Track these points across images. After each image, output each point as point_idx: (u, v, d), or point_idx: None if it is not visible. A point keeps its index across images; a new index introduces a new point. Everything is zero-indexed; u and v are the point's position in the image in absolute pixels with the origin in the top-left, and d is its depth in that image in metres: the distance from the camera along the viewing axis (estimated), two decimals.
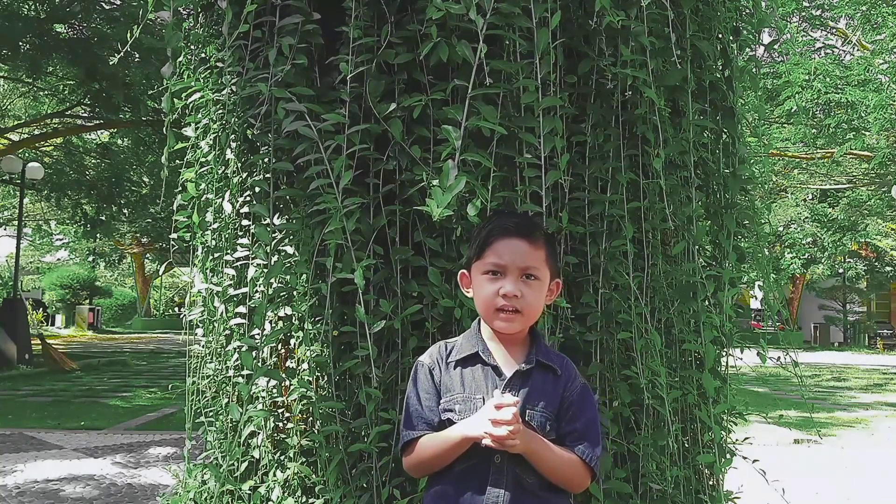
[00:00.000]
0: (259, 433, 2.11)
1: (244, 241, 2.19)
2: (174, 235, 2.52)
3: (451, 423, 1.44)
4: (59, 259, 35.23)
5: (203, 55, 2.39)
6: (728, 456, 2.12)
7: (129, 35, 2.26)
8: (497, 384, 1.44)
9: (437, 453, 1.42)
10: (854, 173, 19.75)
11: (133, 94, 10.67)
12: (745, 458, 2.25)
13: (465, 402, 1.43)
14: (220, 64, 2.26)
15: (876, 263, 25.59)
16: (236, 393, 2.15)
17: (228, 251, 2.28)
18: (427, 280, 1.87)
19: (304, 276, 1.97)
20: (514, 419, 1.31)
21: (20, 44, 10.07)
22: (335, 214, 1.78)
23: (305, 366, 2.02)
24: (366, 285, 1.90)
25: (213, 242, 2.37)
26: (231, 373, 2.21)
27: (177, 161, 2.51)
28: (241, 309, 2.12)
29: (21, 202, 14.42)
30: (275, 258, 1.98)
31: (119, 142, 16.31)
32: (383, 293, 1.94)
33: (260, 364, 2.11)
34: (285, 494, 2.01)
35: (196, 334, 2.53)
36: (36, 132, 15.98)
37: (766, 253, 2.56)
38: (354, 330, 1.85)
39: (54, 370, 11.53)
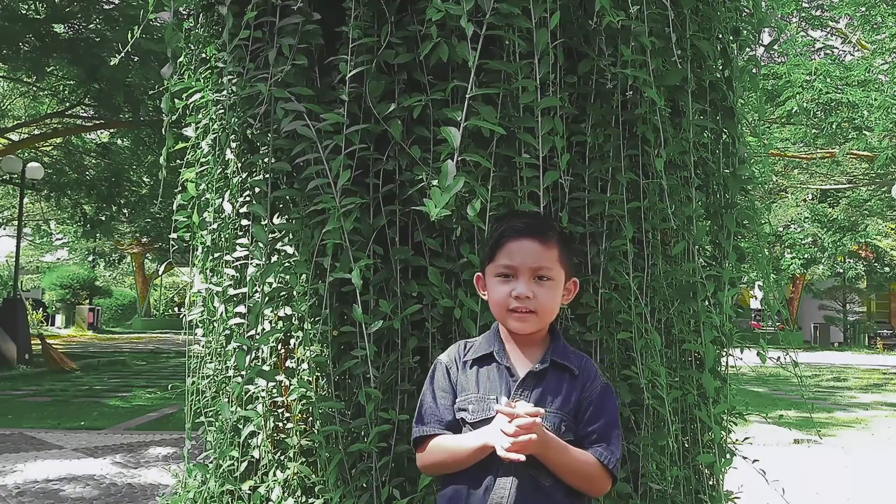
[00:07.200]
0: (259, 433, 2.11)
1: (244, 241, 2.19)
2: (174, 235, 2.52)
3: (463, 422, 1.43)
4: (59, 259, 35.22)
5: (203, 55, 2.39)
6: (728, 456, 2.12)
7: (129, 36, 2.26)
8: (511, 385, 1.42)
9: (454, 458, 1.41)
10: (854, 173, 19.74)
11: (133, 95, 10.67)
12: (745, 458, 2.25)
13: (479, 402, 1.43)
14: (220, 64, 2.26)
15: (875, 264, 25.58)
16: (235, 393, 2.16)
17: (228, 251, 2.28)
18: (427, 280, 1.87)
19: (304, 276, 1.97)
20: (532, 426, 1.29)
21: (20, 44, 10.07)
22: (333, 214, 1.78)
23: (305, 366, 2.02)
24: (365, 285, 1.90)
25: (213, 242, 2.38)
26: (231, 373, 2.21)
27: (176, 161, 2.51)
28: (241, 309, 2.12)
29: (21, 202, 14.42)
30: (274, 258, 1.98)
31: (119, 142, 16.30)
32: (383, 293, 1.94)
33: (259, 364, 2.11)
34: (285, 494, 2.01)
35: (196, 334, 2.53)
36: (36, 132, 15.97)
37: (766, 253, 2.55)
38: (354, 330, 1.85)
39: (54, 370, 11.52)
